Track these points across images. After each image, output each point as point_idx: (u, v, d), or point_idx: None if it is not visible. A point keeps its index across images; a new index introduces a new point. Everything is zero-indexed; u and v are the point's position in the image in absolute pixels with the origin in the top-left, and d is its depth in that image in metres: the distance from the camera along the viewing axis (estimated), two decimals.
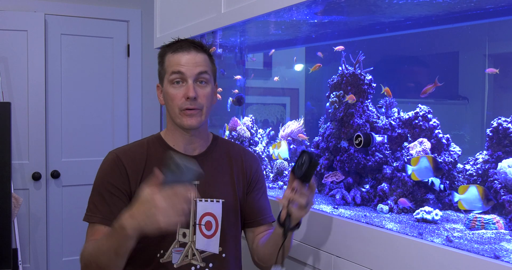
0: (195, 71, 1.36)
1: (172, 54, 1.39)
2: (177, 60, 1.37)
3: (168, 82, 1.38)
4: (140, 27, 3.71)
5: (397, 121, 1.67)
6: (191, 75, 1.36)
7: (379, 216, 1.46)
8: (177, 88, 1.36)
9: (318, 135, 1.93)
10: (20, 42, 3.31)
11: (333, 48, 1.83)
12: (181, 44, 1.39)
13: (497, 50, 1.75)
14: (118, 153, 1.41)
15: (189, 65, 1.36)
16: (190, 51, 1.38)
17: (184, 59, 1.36)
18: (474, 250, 1.11)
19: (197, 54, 1.38)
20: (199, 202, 1.40)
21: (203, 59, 1.39)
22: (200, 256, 1.39)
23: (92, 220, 1.36)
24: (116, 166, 1.37)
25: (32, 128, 3.36)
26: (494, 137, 1.44)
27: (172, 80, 1.37)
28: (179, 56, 1.37)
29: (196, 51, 1.39)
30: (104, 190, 1.36)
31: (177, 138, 1.43)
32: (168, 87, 1.38)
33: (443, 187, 1.50)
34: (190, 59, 1.36)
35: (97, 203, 1.36)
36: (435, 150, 1.57)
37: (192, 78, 1.36)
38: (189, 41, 1.41)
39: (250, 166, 1.53)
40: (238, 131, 2.33)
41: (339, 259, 1.45)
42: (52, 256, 3.45)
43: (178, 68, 1.36)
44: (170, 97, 1.37)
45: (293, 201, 1.28)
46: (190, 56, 1.37)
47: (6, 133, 2.64)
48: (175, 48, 1.39)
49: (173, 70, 1.36)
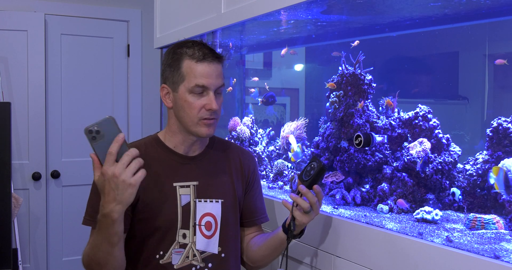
0: (218, 83, 1.35)
1: (195, 63, 1.33)
2: (202, 71, 1.33)
3: (186, 90, 1.34)
4: (140, 27, 3.72)
5: (397, 121, 1.67)
6: (214, 87, 1.34)
7: (379, 216, 1.46)
8: (197, 97, 1.34)
9: (318, 135, 1.93)
10: (20, 42, 3.32)
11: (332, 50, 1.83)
12: (203, 53, 1.34)
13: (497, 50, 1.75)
14: None
15: (213, 77, 1.33)
16: (213, 62, 1.35)
17: (208, 70, 1.33)
18: (474, 250, 1.11)
19: (219, 65, 1.36)
20: (199, 203, 1.40)
21: (221, 70, 1.38)
22: (200, 257, 1.39)
23: (90, 224, 1.36)
24: None
25: (32, 128, 3.36)
26: (494, 137, 1.44)
27: (193, 90, 1.33)
28: (204, 67, 1.33)
29: (218, 62, 1.36)
30: None
31: (178, 141, 1.42)
32: (186, 94, 1.34)
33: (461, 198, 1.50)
34: (214, 71, 1.34)
35: (96, 208, 1.35)
36: (435, 150, 1.57)
37: (213, 90, 1.34)
38: (208, 49, 1.37)
39: (248, 165, 1.53)
40: (238, 131, 2.33)
41: (339, 259, 1.45)
42: (52, 256, 3.46)
43: (202, 81, 1.32)
44: (189, 106, 1.34)
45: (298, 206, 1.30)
46: (214, 67, 1.34)
47: (6, 133, 2.64)
48: (198, 56, 1.34)
49: (196, 83, 1.32)
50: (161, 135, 1.46)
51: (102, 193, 1.15)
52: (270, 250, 1.44)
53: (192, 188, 1.40)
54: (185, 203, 1.39)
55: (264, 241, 1.46)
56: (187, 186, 1.40)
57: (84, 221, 1.38)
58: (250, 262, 1.52)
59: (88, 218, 1.37)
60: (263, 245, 1.45)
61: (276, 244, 1.40)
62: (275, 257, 1.48)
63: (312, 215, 1.32)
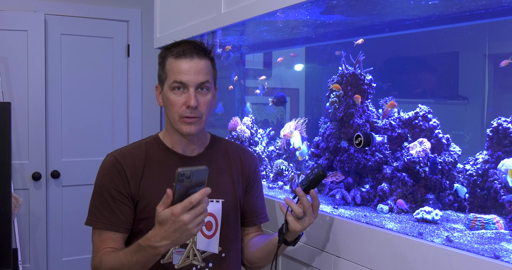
0: (197, 80, 1.32)
1: (174, 59, 1.34)
2: (179, 68, 1.32)
3: (168, 88, 1.35)
4: (140, 27, 3.72)
5: (397, 121, 1.67)
6: (193, 84, 1.32)
7: (379, 216, 1.46)
8: (177, 95, 1.33)
9: (318, 135, 1.93)
10: (20, 42, 3.32)
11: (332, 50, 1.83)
12: (183, 49, 1.34)
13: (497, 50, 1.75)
14: (117, 155, 1.40)
15: (191, 73, 1.31)
16: (193, 58, 1.33)
17: (186, 66, 1.32)
18: (474, 250, 1.11)
19: (200, 61, 1.33)
20: None
21: (205, 66, 1.35)
22: (201, 256, 1.39)
23: (97, 226, 1.35)
24: (115, 170, 1.37)
25: (32, 128, 3.36)
26: (494, 137, 1.44)
27: (173, 86, 1.33)
28: (181, 63, 1.32)
29: (199, 57, 1.33)
30: (107, 194, 1.35)
31: (175, 140, 1.43)
32: (168, 92, 1.35)
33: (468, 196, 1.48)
34: (192, 67, 1.32)
35: (100, 208, 1.35)
36: (435, 150, 1.57)
37: (193, 86, 1.32)
38: (192, 45, 1.35)
39: (249, 165, 1.53)
40: (238, 131, 2.33)
41: (339, 259, 1.45)
42: (52, 256, 3.46)
43: (179, 77, 1.31)
44: (170, 103, 1.34)
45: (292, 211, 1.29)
46: (193, 63, 1.32)
47: (6, 133, 2.64)
48: (177, 53, 1.34)
49: (174, 79, 1.32)
50: (161, 135, 1.47)
51: (160, 226, 1.12)
52: (266, 254, 1.44)
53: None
54: None
55: (262, 244, 1.45)
56: None
57: (88, 221, 1.37)
58: (248, 262, 1.52)
59: (92, 219, 1.36)
60: (260, 248, 1.45)
61: (272, 248, 1.40)
62: (271, 260, 1.48)
63: (305, 222, 1.29)
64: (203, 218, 1.12)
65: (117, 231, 1.34)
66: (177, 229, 1.10)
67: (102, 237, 1.34)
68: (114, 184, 1.35)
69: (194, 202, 1.08)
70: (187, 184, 1.07)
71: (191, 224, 1.09)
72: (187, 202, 1.08)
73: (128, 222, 1.36)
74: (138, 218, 1.37)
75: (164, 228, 1.10)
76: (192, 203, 1.08)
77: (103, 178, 1.37)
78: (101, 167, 1.40)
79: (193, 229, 1.10)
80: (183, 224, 1.09)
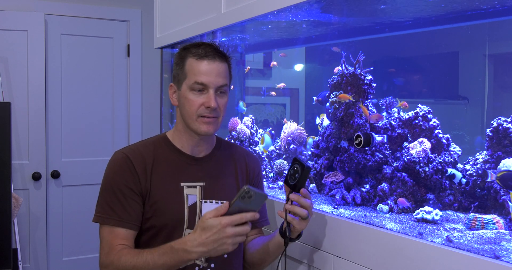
0: (217, 83, 1.34)
1: (196, 60, 1.35)
2: (202, 68, 1.34)
3: (187, 87, 1.36)
4: (140, 27, 3.71)
5: (397, 121, 1.67)
6: (214, 86, 1.34)
7: (379, 216, 1.46)
8: (197, 95, 1.35)
9: (318, 135, 1.93)
10: (20, 42, 3.31)
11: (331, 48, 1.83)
12: (205, 51, 1.35)
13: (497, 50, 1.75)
14: (127, 152, 1.40)
15: (212, 76, 1.33)
16: (215, 60, 1.35)
17: (208, 68, 1.33)
18: (474, 250, 1.11)
19: (221, 64, 1.36)
20: (205, 204, 1.41)
21: (225, 70, 1.37)
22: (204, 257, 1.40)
23: (108, 223, 1.34)
24: (126, 166, 1.37)
25: (32, 128, 3.36)
26: (494, 137, 1.44)
27: (193, 87, 1.34)
28: (203, 65, 1.34)
29: (220, 60, 1.36)
30: (118, 191, 1.35)
31: (185, 140, 1.43)
32: (187, 92, 1.36)
33: (466, 181, 1.47)
34: (214, 69, 1.34)
35: (111, 204, 1.34)
36: (435, 150, 1.57)
37: (214, 88, 1.34)
38: (213, 47, 1.37)
39: (253, 168, 1.55)
40: (238, 131, 2.33)
41: (339, 259, 1.45)
42: (52, 256, 3.45)
43: (201, 79, 1.33)
44: (189, 103, 1.35)
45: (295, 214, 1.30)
46: (215, 65, 1.34)
47: (6, 133, 2.64)
48: (199, 54, 1.35)
49: (196, 80, 1.33)
50: (169, 134, 1.47)
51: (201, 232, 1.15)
52: (266, 254, 1.44)
53: (199, 189, 1.41)
54: (191, 203, 1.40)
55: (261, 245, 1.46)
56: (194, 186, 1.41)
57: (98, 218, 1.35)
58: (247, 264, 1.53)
59: (103, 216, 1.34)
60: (260, 249, 1.46)
61: (273, 248, 1.40)
62: (271, 261, 1.48)
63: (308, 219, 1.32)
64: (242, 239, 1.16)
65: (129, 228, 1.34)
66: (218, 239, 1.13)
67: (114, 234, 1.33)
68: (125, 181, 1.35)
69: (243, 220, 1.13)
70: (245, 202, 1.12)
71: (231, 239, 1.13)
72: (238, 217, 1.13)
73: (139, 219, 1.36)
74: (145, 216, 1.37)
75: (205, 235, 1.14)
76: (242, 220, 1.13)
77: (114, 175, 1.37)
78: (111, 164, 1.40)
79: (230, 245, 1.14)
80: (225, 236, 1.12)
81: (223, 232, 1.12)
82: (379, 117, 1.65)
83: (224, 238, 1.13)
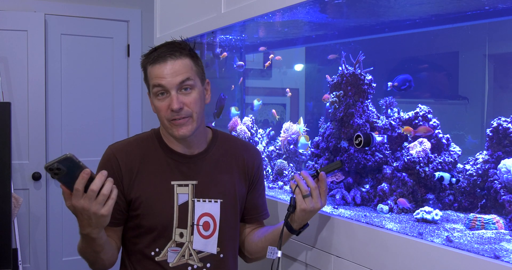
0: (175, 81, 1.31)
1: (151, 66, 1.34)
2: (155, 73, 1.32)
3: (153, 95, 1.35)
4: (140, 27, 3.72)
5: (397, 121, 1.67)
6: (172, 86, 1.31)
7: (379, 216, 1.46)
8: (161, 100, 1.33)
9: (318, 135, 1.92)
10: (20, 42, 3.32)
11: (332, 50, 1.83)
12: (158, 54, 1.33)
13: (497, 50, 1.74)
14: (115, 150, 1.41)
15: (168, 76, 1.30)
16: (166, 61, 1.31)
17: (162, 70, 1.31)
18: (474, 250, 1.11)
19: (175, 62, 1.32)
20: (197, 202, 1.40)
21: (183, 65, 1.33)
22: (197, 256, 1.39)
23: None
24: (109, 164, 1.39)
25: (32, 128, 3.36)
26: (494, 137, 1.44)
27: (155, 92, 1.33)
28: (157, 68, 1.32)
29: (174, 58, 1.32)
30: None
31: (174, 142, 1.43)
32: (153, 99, 1.35)
33: (455, 180, 1.47)
34: (168, 69, 1.31)
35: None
36: (435, 150, 1.57)
37: (174, 88, 1.31)
38: (166, 47, 1.34)
39: (252, 163, 1.52)
40: (238, 131, 2.33)
41: (339, 259, 1.45)
42: (52, 256, 3.46)
43: (157, 82, 1.31)
44: (157, 109, 1.35)
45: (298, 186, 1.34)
46: (168, 65, 1.31)
47: (6, 133, 2.64)
48: (152, 58, 1.33)
49: (153, 84, 1.32)
50: (163, 131, 1.46)
51: (77, 218, 1.19)
52: (270, 243, 1.43)
53: (191, 187, 1.40)
54: (182, 202, 1.39)
55: (265, 233, 1.46)
56: (185, 185, 1.40)
57: None
58: (249, 253, 1.52)
59: None
60: (264, 237, 1.46)
61: (276, 237, 1.40)
62: None
63: (310, 202, 1.32)
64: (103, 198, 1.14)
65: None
66: (87, 217, 1.15)
67: None
68: None
69: (80, 189, 1.13)
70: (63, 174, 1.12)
71: (93, 208, 1.13)
72: (75, 191, 1.13)
73: (120, 217, 1.38)
74: (133, 214, 1.38)
75: (79, 219, 1.18)
76: (79, 190, 1.13)
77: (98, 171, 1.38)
78: (101, 159, 1.43)
79: (99, 211, 1.14)
80: (86, 211, 1.14)
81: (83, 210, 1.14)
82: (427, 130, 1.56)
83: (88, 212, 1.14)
